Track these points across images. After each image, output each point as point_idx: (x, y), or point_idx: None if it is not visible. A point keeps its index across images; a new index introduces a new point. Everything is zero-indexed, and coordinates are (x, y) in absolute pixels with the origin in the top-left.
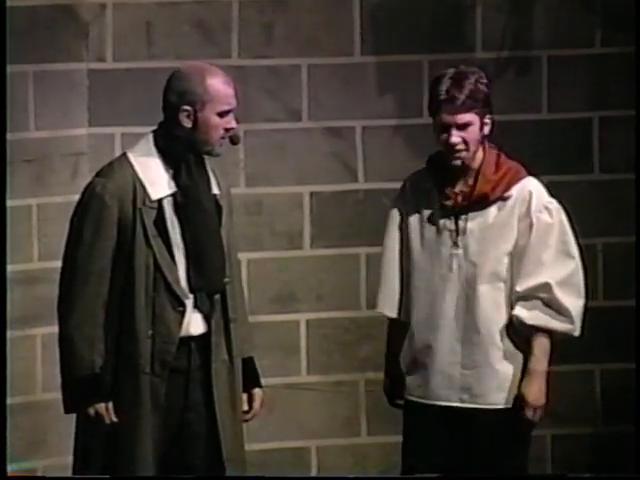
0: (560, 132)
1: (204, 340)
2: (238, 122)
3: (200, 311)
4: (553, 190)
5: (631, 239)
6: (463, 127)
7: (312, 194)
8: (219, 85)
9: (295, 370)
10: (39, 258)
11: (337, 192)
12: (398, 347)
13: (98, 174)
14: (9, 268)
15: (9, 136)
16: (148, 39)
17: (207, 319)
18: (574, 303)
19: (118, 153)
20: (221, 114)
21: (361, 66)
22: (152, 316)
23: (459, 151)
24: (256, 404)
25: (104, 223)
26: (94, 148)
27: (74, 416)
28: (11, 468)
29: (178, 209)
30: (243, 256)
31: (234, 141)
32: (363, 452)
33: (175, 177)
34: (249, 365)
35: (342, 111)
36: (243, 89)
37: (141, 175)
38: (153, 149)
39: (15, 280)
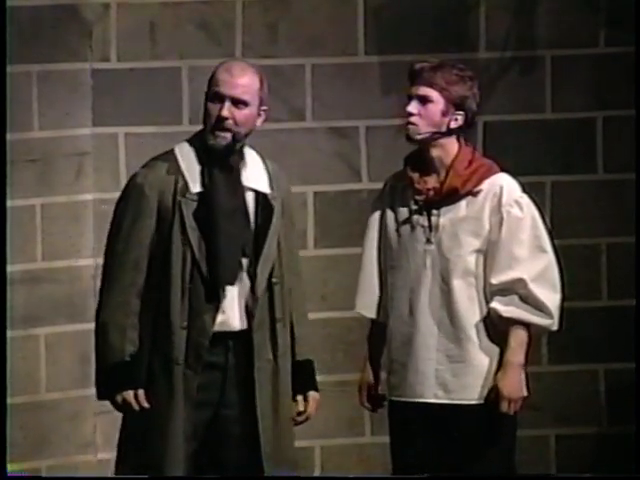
0: (564, 132)
1: (244, 337)
2: (237, 116)
3: (241, 307)
4: (557, 190)
5: (635, 239)
6: (423, 101)
7: (316, 194)
8: (219, 71)
9: None
10: (43, 258)
11: (341, 192)
12: (377, 349)
13: (144, 166)
14: (13, 268)
15: (13, 136)
16: (152, 39)
17: (249, 316)
18: (551, 297)
19: (122, 153)
20: (212, 99)
21: (365, 66)
22: (188, 308)
23: (412, 124)
24: (311, 407)
25: (142, 213)
26: (98, 148)
27: (78, 416)
28: (14, 468)
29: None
30: None
31: (234, 138)
32: (367, 452)
33: (202, 173)
34: (307, 367)
35: (346, 111)
36: None
37: (184, 168)
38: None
39: (19, 280)
